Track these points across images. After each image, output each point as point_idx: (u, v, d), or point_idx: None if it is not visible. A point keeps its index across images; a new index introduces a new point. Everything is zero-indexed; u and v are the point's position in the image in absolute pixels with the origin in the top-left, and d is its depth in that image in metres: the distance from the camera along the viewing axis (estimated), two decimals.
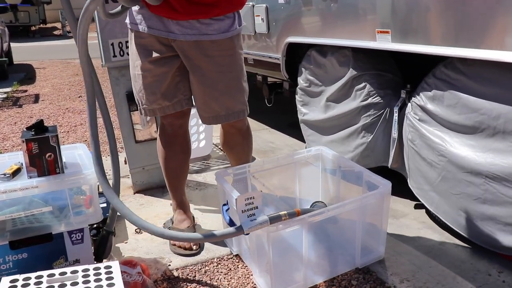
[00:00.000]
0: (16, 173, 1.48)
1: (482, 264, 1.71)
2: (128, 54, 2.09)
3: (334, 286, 1.52)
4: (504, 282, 1.60)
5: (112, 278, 1.16)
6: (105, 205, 1.92)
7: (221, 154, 2.91)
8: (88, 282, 1.14)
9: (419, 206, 2.19)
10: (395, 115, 2.09)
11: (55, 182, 1.43)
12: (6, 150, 3.28)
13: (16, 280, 1.14)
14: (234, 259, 1.71)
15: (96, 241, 1.62)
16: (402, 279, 1.54)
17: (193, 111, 1.87)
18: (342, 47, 2.32)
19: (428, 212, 2.10)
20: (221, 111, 1.67)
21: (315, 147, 1.94)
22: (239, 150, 1.89)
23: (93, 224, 1.67)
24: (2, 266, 1.43)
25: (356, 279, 1.55)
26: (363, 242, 1.59)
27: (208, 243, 1.81)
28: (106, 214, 1.81)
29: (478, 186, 1.70)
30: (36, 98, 5.23)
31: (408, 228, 1.99)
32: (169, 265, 1.67)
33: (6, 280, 1.14)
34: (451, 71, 1.77)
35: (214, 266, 1.67)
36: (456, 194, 1.80)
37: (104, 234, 1.61)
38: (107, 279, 1.15)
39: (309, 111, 2.69)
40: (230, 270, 1.65)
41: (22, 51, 10.49)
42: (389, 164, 2.19)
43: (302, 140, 2.91)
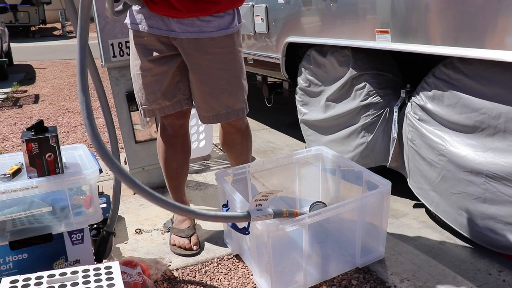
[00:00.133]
0: (16, 173, 1.48)
1: (482, 263, 1.71)
2: (128, 54, 2.10)
3: (334, 286, 1.52)
4: (504, 281, 1.60)
5: (112, 278, 1.16)
6: (105, 205, 1.92)
7: (221, 154, 2.91)
8: (88, 282, 1.14)
9: (419, 205, 2.19)
10: (395, 115, 2.09)
11: (55, 182, 1.43)
12: (6, 150, 3.28)
13: (16, 280, 1.14)
14: (234, 259, 1.71)
15: (96, 241, 1.62)
16: (402, 279, 1.54)
17: (193, 111, 1.87)
18: (342, 47, 2.32)
19: (428, 211, 2.10)
20: (221, 110, 1.67)
21: (315, 147, 1.94)
22: (239, 150, 1.90)
23: (93, 224, 1.67)
24: (2, 267, 1.43)
25: (356, 279, 1.55)
26: (363, 241, 1.59)
27: (208, 243, 1.81)
28: (106, 214, 1.81)
29: (478, 185, 1.70)
30: (36, 99, 5.23)
31: (408, 227, 1.99)
32: (169, 265, 1.67)
33: (6, 280, 1.14)
34: (451, 71, 1.77)
35: (214, 266, 1.67)
36: (456, 194, 1.80)
37: (104, 235, 1.62)
38: (107, 280, 1.15)
39: (309, 111, 2.69)
40: (230, 270, 1.65)
41: (22, 52, 10.50)
42: (388, 163, 2.19)
43: (302, 140, 2.91)
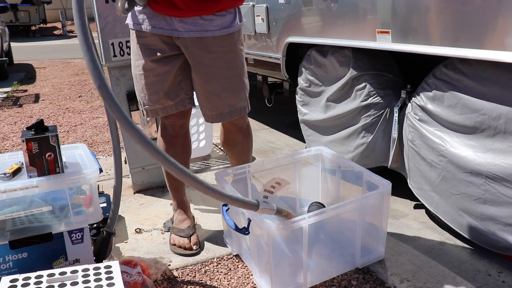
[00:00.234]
0: (16, 172, 1.48)
1: (482, 264, 1.71)
2: (128, 54, 2.10)
3: (334, 286, 1.52)
4: (504, 282, 1.59)
5: (112, 278, 1.16)
6: (105, 204, 1.92)
7: (221, 154, 2.90)
8: (88, 282, 1.14)
9: (419, 206, 2.18)
10: (395, 115, 2.09)
11: (55, 181, 1.43)
12: (6, 149, 3.28)
13: (16, 279, 1.14)
14: (234, 259, 1.71)
15: (96, 242, 1.62)
16: (402, 279, 1.54)
17: (193, 111, 1.87)
18: (342, 47, 2.32)
19: (428, 212, 2.10)
20: (224, 109, 1.67)
21: (315, 147, 1.94)
22: (240, 149, 1.90)
23: (93, 223, 1.67)
24: (2, 266, 1.43)
25: (356, 279, 1.55)
26: (363, 242, 1.59)
27: (208, 243, 1.81)
28: (106, 214, 1.81)
29: (478, 186, 1.70)
30: (36, 98, 5.22)
31: (408, 228, 1.99)
32: (169, 265, 1.67)
33: (6, 279, 1.14)
34: (452, 71, 1.77)
35: (214, 266, 1.67)
36: (456, 194, 1.80)
37: (105, 235, 1.61)
38: (107, 279, 1.15)
39: (309, 111, 2.69)
40: (230, 270, 1.65)
41: (22, 51, 10.50)
42: (389, 164, 2.19)
43: (302, 140, 2.91)
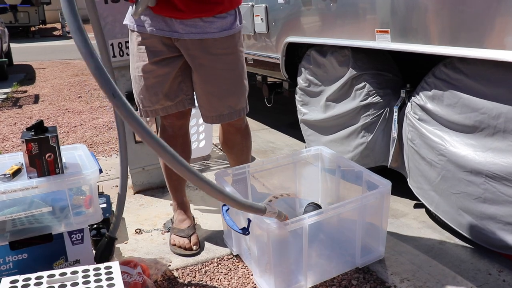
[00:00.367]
0: (16, 173, 1.48)
1: (482, 263, 1.71)
2: (128, 55, 2.10)
3: (334, 286, 1.52)
4: (504, 281, 1.60)
5: (112, 278, 1.16)
6: (105, 205, 1.91)
7: (221, 154, 2.91)
8: (88, 282, 1.14)
9: (419, 205, 2.18)
10: (395, 115, 2.09)
11: (55, 182, 1.43)
12: (6, 150, 3.28)
13: (16, 280, 1.14)
14: (234, 259, 1.71)
15: (99, 246, 1.61)
16: (402, 279, 1.54)
17: (193, 111, 1.87)
18: (341, 47, 2.32)
19: (428, 211, 2.10)
20: (224, 110, 1.67)
21: (315, 147, 1.94)
22: (239, 150, 1.90)
23: (93, 224, 1.67)
24: (2, 267, 1.43)
25: (356, 279, 1.55)
26: (363, 241, 1.59)
27: (208, 243, 1.81)
28: (106, 215, 1.81)
29: (478, 185, 1.70)
30: (36, 99, 5.22)
31: (408, 227, 1.99)
32: (169, 265, 1.67)
33: (6, 280, 1.14)
34: (451, 71, 1.77)
35: (214, 266, 1.67)
36: (456, 194, 1.80)
37: (107, 241, 1.60)
38: (107, 280, 1.15)
39: (308, 111, 2.69)
40: (230, 270, 1.65)
41: (22, 52, 10.49)
42: (388, 163, 2.19)
43: (302, 140, 2.91)
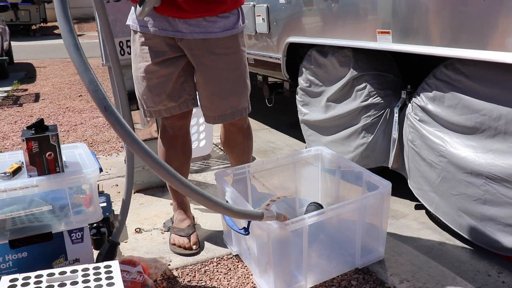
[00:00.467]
0: (16, 172, 1.48)
1: (482, 264, 1.71)
2: (129, 54, 2.10)
3: (334, 286, 1.52)
4: (504, 282, 1.59)
5: (112, 277, 1.16)
6: (105, 204, 1.91)
7: (221, 154, 2.91)
8: (88, 281, 1.14)
9: (419, 206, 2.18)
10: (396, 116, 2.09)
11: (55, 181, 1.43)
12: (6, 149, 3.28)
13: (15, 279, 1.14)
14: (234, 259, 1.71)
15: (101, 251, 1.60)
16: (402, 280, 1.54)
17: (193, 111, 1.86)
18: (342, 47, 2.32)
19: (428, 212, 2.10)
20: (226, 110, 1.67)
21: (315, 147, 1.94)
22: (240, 149, 1.89)
23: (93, 223, 1.67)
24: (2, 265, 1.43)
25: (356, 279, 1.55)
26: (363, 242, 1.59)
27: (208, 243, 1.81)
28: (106, 214, 1.81)
29: (478, 186, 1.70)
30: (36, 97, 5.22)
31: (408, 228, 1.99)
32: (169, 264, 1.67)
33: (5, 279, 1.14)
34: (452, 72, 1.77)
35: (214, 266, 1.67)
36: (456, 195, 1.80)
37: (110, 245, 1.59)
38: (107, 279, 1.15)
39: (309, 111, 2.69)
40: (230, 270, 1.65)
41: (23, 50, 10.49)
42: (389, 164, 2.19)
43: (302, 140, 2.91)
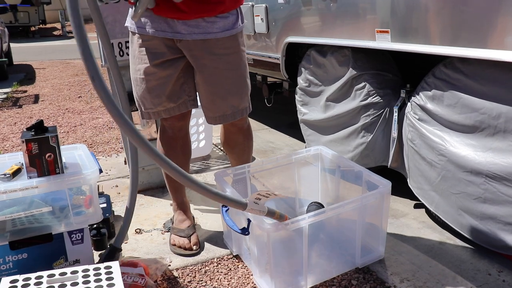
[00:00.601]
0: (16, 173, 1.48)
1: (482, 263, 1.71)
2: (128, 55, 2.10)
3: (334, 286, 1.52)
4: (504, 281, 1.60)
5: (112, 278, 1.16)
6: (105, 205, 1.92)
7: (221, 154, 2.91)
8: (88, 282, 1.14)
9: (419, 205, 2.19)
10: (395, 115, 2.09)
11: (55, 182, 1.43)
12: (6, 150, 3.28)
13: (16, 280, 1.14)
14: (234, 259, 1.71)
15: (101, 256, 1.60)
16: (402, 279, 1.54)
17: (193, 111, 1.86)
18: (341, 47, 2.32)
19: (428, 211, 2.10)
20: (227, 110, 1.67)
21: (315, 147, 1.94)
22: (240, 150, 1.89)
23: (93, 224, 1.67)
24: (2, 267, 1.43)
25: (356, 279, 1.55)
26: (363, 242, 1.59)
27: (208, 243, 1.81)
28: (106, 214, 1.81)
29: (478, 185, 1.70)
30: (36, 99, 5.22)
31: (408, 227, 1.99)
32: (169, 265, 1.67)
33: (6, 280, 1.14)
34: (451, 71, 1.77)
35: (214, 266, 1.67)
36: (456, 194, 1.80)
37: (111, 250, 1.58)
38: (107, 280, 1.15)
39: (308, 111, 2.69)
40: (230, 270, 1.65)
41: (22, 52, 10.49)
42: (389, 163, 2.19)
43: (302, 140, 2.91)
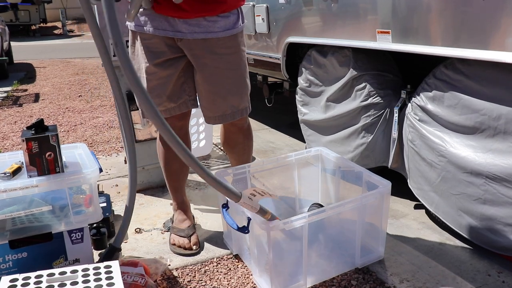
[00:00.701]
0: (16, 172, 1.48)
1: (482, 264, 1.71)
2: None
3: (334, 286, 1.52)
4: (504, 282, 1.60)
5: (112, 277, 1.16)
6: (105, 204, 1.92)
7: (221, 154, 2.91)
8: (88, 281, 1.14)
9: (419, 206, 2.19)
10: (395, 115, 2.09)
11: (55, 181, 1.43)
12: (6, 149, 3.28)
13: (15, 279, 1.14)
14: (233, 259, 1.71)
15: (101, 255, 1.60)
16: (402, 279, 1.54)
17: (193, 111, 1.86)
18: (342, 47, 2.32)
19: (428, 212, 2.10)
20: (227, 110, 1.67)
21: (315, 147, 1.94)
22: (240, 149, 1.89)
23: (93, 223, 1.67)
24: (2, 266, 1.43)
25: (356, 279, 1.55)
26: (363, 242, 1.59)
27: (207, 243, 1.81)
28: (106, 214, 1.81)
29: (478, 186, 1.70)
30: (36, 97, 5.22)
31: (408, 228, 1.99)
32: (169, 265, 1.67)
33: (5, 279, 1.14)
34: (452, 72, 1.77)
35: (214, 266, 1.67)
36: (456, 195, 1.80)
37: (110, 250, 1.58)
38: (107, 279, 1.15)
39: (309, 111, 2.69)
40: (230, 270, 1.65)
41: (22, 50, 10.49)
42: (389, 164, 2.19)
43: (302, 140, 2.91)
